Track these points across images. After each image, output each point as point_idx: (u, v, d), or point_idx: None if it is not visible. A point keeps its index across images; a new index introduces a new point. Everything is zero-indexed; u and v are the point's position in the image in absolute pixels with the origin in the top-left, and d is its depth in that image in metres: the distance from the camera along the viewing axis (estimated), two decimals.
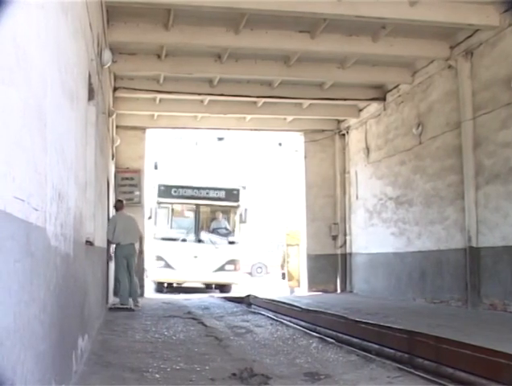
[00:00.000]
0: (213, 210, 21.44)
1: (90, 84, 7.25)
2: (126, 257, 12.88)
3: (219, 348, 7.47)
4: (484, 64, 12.30)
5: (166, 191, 20.36)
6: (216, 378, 5.54)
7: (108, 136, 12.49)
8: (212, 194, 20.71)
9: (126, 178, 18.64)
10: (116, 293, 14.04)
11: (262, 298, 15.39)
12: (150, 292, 19.39)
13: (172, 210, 21.08)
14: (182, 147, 35.61)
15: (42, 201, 3.40)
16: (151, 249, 19.94)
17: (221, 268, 19.92)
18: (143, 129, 19.26)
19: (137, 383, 5.34)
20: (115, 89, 15.42)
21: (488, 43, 12.04)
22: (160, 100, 17.17)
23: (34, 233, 3.17)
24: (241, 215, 20.92)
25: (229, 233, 20.99)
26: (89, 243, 6.94)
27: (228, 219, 21.50)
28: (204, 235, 20.40)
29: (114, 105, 15.55)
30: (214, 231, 20.82)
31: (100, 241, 9.14)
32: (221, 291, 20.70)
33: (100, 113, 8.96)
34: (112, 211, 13.99)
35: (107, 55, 9.57)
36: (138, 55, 13.75)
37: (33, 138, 3.17)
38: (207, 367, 6.03)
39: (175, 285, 21.21)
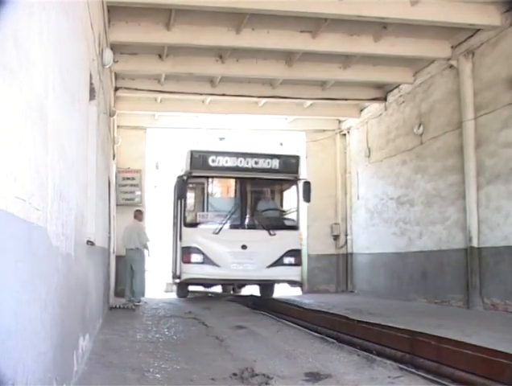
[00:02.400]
0: (265, 185, 16.30)
1: (91, 84, 7.25)
2: (129, 261, 14.56)
3: (220, 348, 7.47)
4: (485, 64, 12.29)
5: (201, 161, 15.12)
6: (216, 378, 5.54)
7: (109, 136, 12.50)
8: (263, 163, 15.52)
9: (127, 178, 18.67)
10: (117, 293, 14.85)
11: (263, 298, 15.51)
12: (160, 293, 19.14)
13: (210, 186, 16.35)
14: (183, 147, 35.55)
15: (43, 201, 3.40)
16: (174, 240, 16.02)
17: (279, 262, 14.95)
18: (144, 128, 19.30)
19: (138, 382, 5.34)
20: (116, 89, 15.44)
21: (489, 42, 12.04)
22: (161, 99, 17.19)
23: (35, 233, 3.17)
24: (304, 190, 15.35)
25: (285, 215, 16.34)
26: (90, 243, 6.94)
27: (283, 197, 17.04)
28: (254, 218, 15.27)
29: (115, 105, 15.57)
30: (267, 212, 15.73)
31: (101, 241, 9.14)
32: (263, 293, 16.49)
33: (101, 113, 8.97)
34: (113, 211, 14.13)
35: (108, 54, 9.57)
36: (139, 54, 13.77)
37: (34, 138, 3.17)
38: (208, 367, 6.02)
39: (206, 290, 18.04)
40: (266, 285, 16.16)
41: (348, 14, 10.93)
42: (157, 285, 22.14)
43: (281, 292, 16.85)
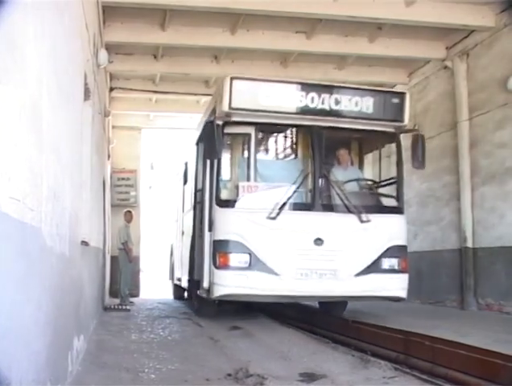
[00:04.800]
0: (351, 140, 10.59)
1: (86, 85, 7.25)
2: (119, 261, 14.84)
3: (215, 348, 7.47)
4: (480, 65, 12.32)
5: (248, 96, 9.02)
6: (211, 378, 5.53)
7: (104, 136, 12.48)
8: (349, 103, 9.30)
9: (122, 179, 18.64)
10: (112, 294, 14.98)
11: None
12: (157, 294, 19.17)
13: (261, 140, 10.28)
14: (178, 147, 35.57)
15: (37, 201, 3.40)
16: (193, 230, 10.80)
17: (375, 267, 9.18)
18: (139, 129, 19.28)
19: (132, 383, 5.33)
20: (111, 89, 15.41)
21: (484, 43, 12.06)
22: (156, 100, 17.19)
23: (29, 233, 3.17)
24: (415, 149, 9.65)
25: (382, 191, 10.21)
26: (85, 243, 6.93)
27: (378, 162, 10.55)
28: (333, 194, 9.25)
29: (110, 105, 15.55)
30: (354, 185, 9.82)
31: (95, 241, 9.13)
32: (325, 307, 11.12)
33: (96, 113, 8.96)
34: (108, 212, 14.12)
35: (103, 55, 9.57)
36: (134, 55, 13.75)
37: (29, 138, 3.16)
38: (202, 368, 6.02)
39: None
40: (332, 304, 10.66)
41: (342, 14, 10.95)
42: (155, 286, 22.19)
43: None
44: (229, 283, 8.81)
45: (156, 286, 22.06)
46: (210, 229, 9.18)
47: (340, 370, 6.05)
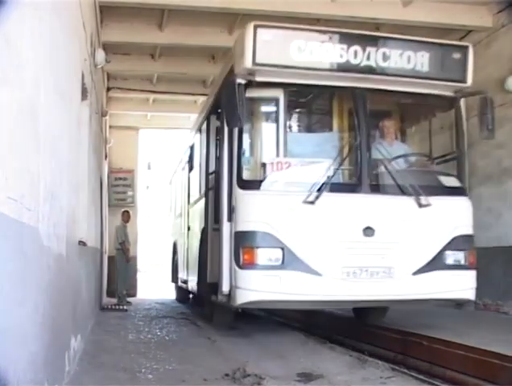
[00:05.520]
0: (404, 105, 8.82)
1: (83, 84, 7.24)
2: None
3: (212, 349, 7.47)
4: (477, 65, 12.25)
5: (276, 50, 7.23)
6: (209, 378, 5.53)
7: (101, 136, 12.47)
8: (400, 59, 7.58)
9: (120, 179, 18.63)
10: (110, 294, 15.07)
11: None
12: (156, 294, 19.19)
13: (293, 106, 8.40)
14: (175, 147, 35.63)
15: (35, 201, 3.40)
16: (205, 221, 9.03)
17: (436, 263, 7.51)
18: (137, 129, 19.28)
19: (130, 383, 5.33)
20: (108, 89, 15.41)
21: (481, 44, 12.06)
22: (154, 100, 17.18)
23: (26, 233, 3.16)
24: (482, 116, 8.11)
25: (440, 168, 8.39)
26: (82, 243, 6.92)
27: (434, 132, 8.79)
28: (384, 172, 7.53)
29: (108, 105, 15.56)
30: (407, 161, 8.16)
31: (93, 241, 9.13)
32: (362, 314, 9.18)
33: (93, 113, 8.95)
34: (105, 212, 14.13)
35: (100, 55, 9.56)
36: (131, 55, 13.74)
37: (26, 138, 3.16)
38: (200, 368, 6.02)
39: None
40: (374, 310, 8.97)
41: (340, 14, 10.93)
42: (153, 286, 22.20)
43: None
44: (256, 287, 7.01)
45: (154, 286, 22.05)
46: (230, 219, 7.39)
47: (338, 370, 6.05)
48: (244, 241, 7.10)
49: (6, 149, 2.68)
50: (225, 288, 7.34)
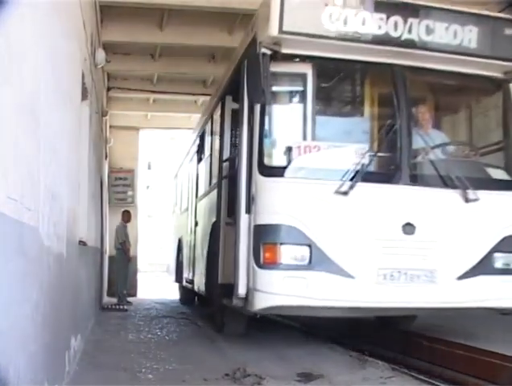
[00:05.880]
0: (447, 86, 7.55)
1: (83, 84, 7.23)
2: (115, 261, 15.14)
3: (212, 348, 7.46)
4: None
5: (304, 17, 6.21)
6: (209, 378, 5.53)
7: (101, 136, 12.47)
8: (442, 32, 6.52)
9: (120, 178, 18.65)
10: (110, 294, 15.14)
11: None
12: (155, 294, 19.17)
13: (320, 85, 7.04)
14: (175, 147, 35.69)
15: (35, 201, 3.40)
16: (217, 214, 8.03)
17: (484, 266, 6.51)
18: (137, 129, 19.27)
19: (130, 383, 5.32)
20: (109, 89, 15.41)
21: None
22: (154, 100, 17.19)
23: (26, 233, 3.16)
24: None
25: (486, 158, 7.36)
26: (82, 243, 6.92)
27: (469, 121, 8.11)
28: (426, 161, 6.61)
29: (108, 105, 15.55)
30: (452, 150, 7.13)
31: (93, 241, 9.12)
32: (388, 321, 8.16)
33: (93, 113, 8.95)
34: (105, 211, 14.15)
35: (101, 54, 9.56)
36: (131, 55, 13.74)
37: (26, 138, 3.16)
38: (200, 368, 6.01)
39: None
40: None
41: None
42: (153, 286, 22.20)
43: None
44: (278, 289, 6.08)
45: (154, 286, 22.05)
46: (248, 210, 6.43)
47: (338, 370, 6.04)
48: (265, 236, 6.20)
49: (6, 149, 2.68)
50: (242, 290, 6.39)
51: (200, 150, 11.01)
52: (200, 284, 9.95)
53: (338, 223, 6.22)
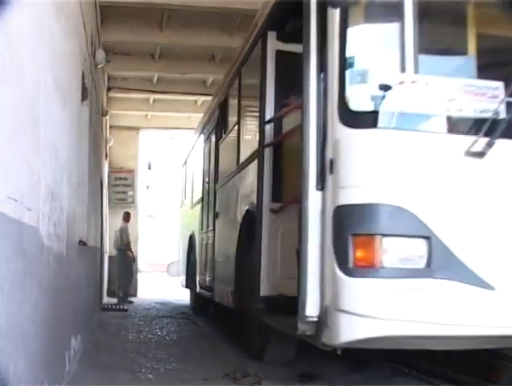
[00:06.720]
0: None
1: (84, 84, 7.23)
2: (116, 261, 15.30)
3: (212, 348, 7.47)
4: None
5: None
6: (209, 378, 5.53)
7: (101, 136, 12.46)
8: None
9: (120, 178, 18.62)
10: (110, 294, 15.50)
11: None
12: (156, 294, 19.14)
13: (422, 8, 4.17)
14: (175, 147, 35.66)
15: (35, 201, 3.40)
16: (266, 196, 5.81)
17: None
18: (137, 129, 19.24)
19: (130, 383, 5.33)
20: (109, 89, 15.40)
21: None
22: (154, 100, 17.16)
23: (27, 233, 3.16)
24: None
25: None
26: (83, 243, 6.91)
27: None
28: None
29: (108, 105, 15.54)
30: None
31: (93, 241, 9.12)
32: None
33: (93, 113, 8.94)
34: (105, 211, 14.18)
35: (101, 55, 9.55)
36: (131, 55, 13.73)
37: (26, 138, 3.16)
38: (200, 368, 6.02)
39: None
40: None
41: None
42: (153, 286, 22.20)
43: None
44: (382, 310, 3.91)
45: (153, 286, 22.06)
46: (322, 185, 4.22)
47: (338, 370, 6.04)
48: (356, 224, 4.02)
49: (6, 150, 2.68)
50: (312, 310, 4.19)
51: (222, 122, 8.99)
52: (223, 294, 7.98)
53: (470, 202, 4.10)
